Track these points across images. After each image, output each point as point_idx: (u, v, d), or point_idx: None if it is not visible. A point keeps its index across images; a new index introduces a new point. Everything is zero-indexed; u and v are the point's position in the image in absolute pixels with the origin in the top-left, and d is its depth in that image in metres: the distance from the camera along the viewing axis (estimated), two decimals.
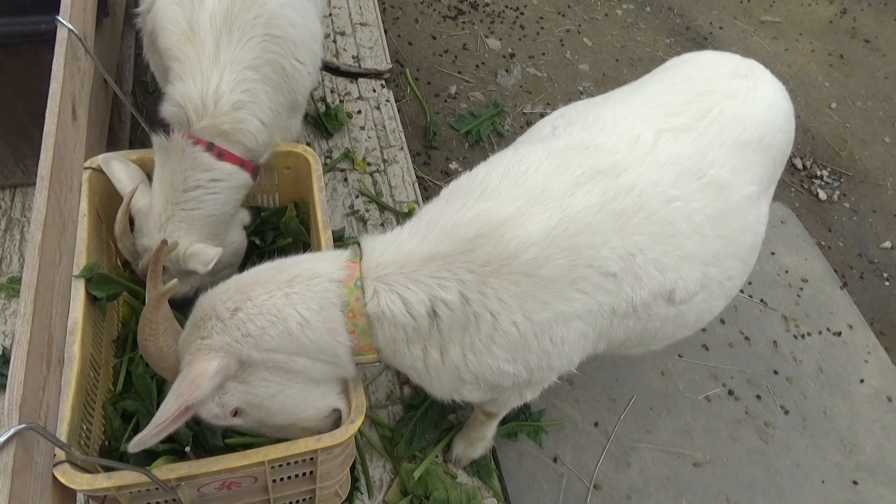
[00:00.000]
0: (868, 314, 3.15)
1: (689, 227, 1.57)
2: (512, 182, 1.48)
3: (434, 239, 1.45)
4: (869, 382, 2.85)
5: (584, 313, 1.48)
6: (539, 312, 1.43)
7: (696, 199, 1.59)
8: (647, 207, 1.50)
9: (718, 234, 1.64)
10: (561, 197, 1.45)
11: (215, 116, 1.86)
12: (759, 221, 1.84)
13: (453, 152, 3.46)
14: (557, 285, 1.43)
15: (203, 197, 1.90)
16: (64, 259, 1.52)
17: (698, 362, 2.79)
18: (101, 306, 1.84)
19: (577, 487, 2.38)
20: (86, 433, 1.64)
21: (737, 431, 2.61)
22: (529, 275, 1.40)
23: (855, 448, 2.64)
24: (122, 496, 1.54)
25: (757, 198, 1.80)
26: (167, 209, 1.88)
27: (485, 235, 1.41)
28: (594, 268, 1.45)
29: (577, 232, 1.43)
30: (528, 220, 1.42)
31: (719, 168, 1.65)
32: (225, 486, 1.67)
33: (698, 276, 1.62)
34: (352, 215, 2.89)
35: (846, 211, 3.70)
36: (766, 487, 2.48)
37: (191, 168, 1.86)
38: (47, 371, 1.33)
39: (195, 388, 1.34)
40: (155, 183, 1.91)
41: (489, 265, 1.40)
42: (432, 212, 1.52)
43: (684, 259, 1.57)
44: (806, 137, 4.03)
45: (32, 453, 1.19)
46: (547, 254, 1.40)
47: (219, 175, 1.91)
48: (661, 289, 1.55)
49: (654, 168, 1.55)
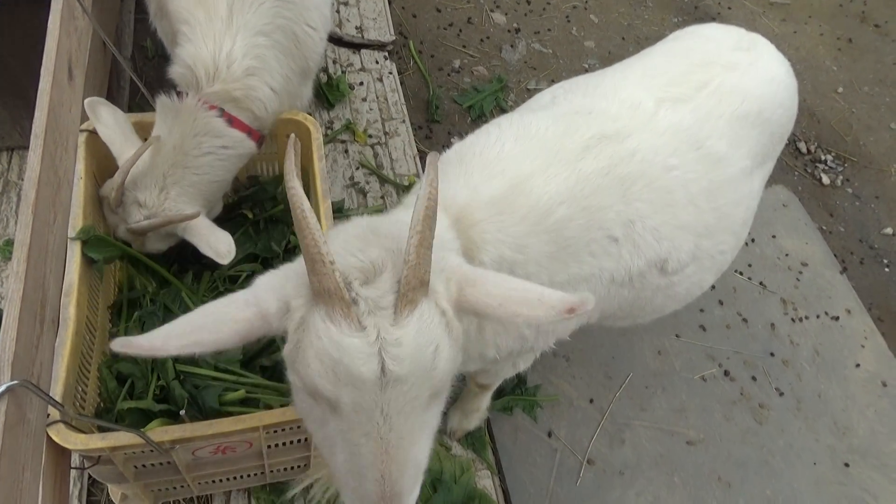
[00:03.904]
0: (867, 300, 3.14)
1: (684, 198, 1.56)
2: (527, 143, 1.47)
3: (464, 199, 1.39)
4: (865, 367, 2.85)
5: (589, 277, 1.47)
6: (559, 274, 1.42)
7: (693, 169, 1.58)
8: (648, 174, 1.49)
9: (712, 206, 1.63)
10: (575, 158, 1.44)
11: (227, 82, 1.83)
12: (752, 196, 1.83)
13: (455, 127, 3.43)
14: (576, 246, 1.42)
15: (214, 163, 1.89)
16: (59, 219, 1.51)
17: (695, 342, 2.79)
18: (97, 269, 1.83)
19: (571, 462, 2.39)
20: (81, 395, 1.64)
21: (731, 412, 2.62)
22: (557, 233, 1.39)
23: (848, 431, 2.65)
24: (116, 457, 1.55)
25: (751, 172, 1.79)
26: (174, 172, 1.86)
27: (517, 188, 1.38)
28: (603, 230, 1.44)
29: (591, 193, 1.42)
30: (551, 178, 1.40)
31: (716, 140, 1.64)
32: (220, 451, 1.67)
33: (691, 247, 1.61)
34: (352, 187, 2.87)
35: (849, 196, 3.68)
36: (758, 467, 2.50)
37: (203, 133, 1.84)
38: (41, 330, 1.33)
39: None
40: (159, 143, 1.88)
41: (524, 222, 1.36)
42: (451, 172, 1.47)
43: (679, 229, 1.56)
44: (811, 121, 4.00)
45: (25, 410, 1.19)
46: (570, 213, 1.39)
47: (228, 142, 1.89)
48: (656, 258, 1.55)
49: (654, 136, 1.54)
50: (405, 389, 0.99)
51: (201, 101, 1.82)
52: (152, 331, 1.01)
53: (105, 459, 1.56)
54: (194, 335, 1.01)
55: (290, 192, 1.00)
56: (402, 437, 1.01)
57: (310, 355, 0.99)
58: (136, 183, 1.88)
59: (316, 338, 0.98)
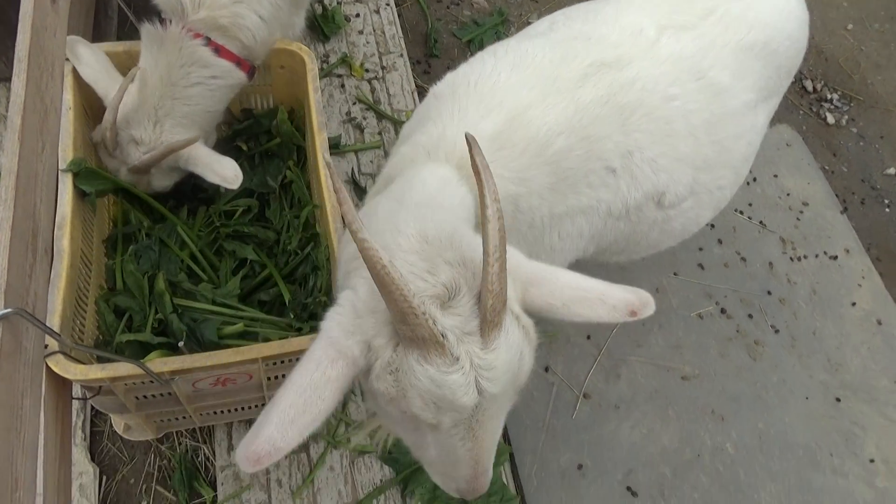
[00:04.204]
0: (866, 240, 3.13)
1: (684, 129, 1.52)
2: (524, 71, 1.42)
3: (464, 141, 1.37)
4: (860, 306, 2.87)
5: (587, 209, 1.45)
6: (558, 206, 1.40)
7: (694, 100, 1.53)
8: (648, 104, 1.45)
9: (713, 139, 1.59)
10: (573, 87, 1.40)
11: (213, 8, 1.77)
12: (755, 131, 1.78)
13: (455, 61, 3.34)
14: (575, 178, 1.39)
15: (204, 93, 1.85)
16: (47, 148, 1.47)
17: (693, 281, 2.79)
18: (90, 202, 1.80)
19: (567, 396, 2.42)
20: (79, 328, 1.64)
21: (726, 348, 2.65)
22: (557, 164, 1.36)
23: (841, 367, 2.69)
24: (117, 388, 1.56)
25: (755, 106, 1.73)
26: (164, 104, 1.82)
27: (515, 120, 1.35)
28: (602, 161, 1.41)
29: (589, 123, 1.38)
30: (550, 108, 1.36)
31: (719, 70, 1.59)
32: (220, 383, 1.68)
33: (689, 180, 1.58)
34: (348, 122, 2.81)
35: (853, 136, 3.62)
36: (750, 401, 2.54)
37: (189, 63, 1.80)
38: (33, 260, 1.31)
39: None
40: (145, 75, 1.83)
41: (524, 155, 1.34)
42: (446, 110, 1.42)
43: (677, 161, 1.53)
44: (819, 59, 3.90)
45: (21, 339, 1.18)
46: (569, 144, 1.36)
47: (217, 72, 1.85)
48: (654, 190, 1.52)
49: (655, 64, 1.49)
50: (498, 400, 1.03)
51: (186, 28, 1.76)
52: (257, 431, 0.93)
53: (106, 390, 1.57)
54: (308, 414, 0.96)
55: (361, 245, 0.92)
56: (492, 433, 1.08)
57: (411, 395, 0.99)
58: (128, 121, 1.84)
59: (416, 380, 0.98)
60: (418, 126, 1.47)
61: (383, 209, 1.20)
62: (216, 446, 2.08)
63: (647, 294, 1.08)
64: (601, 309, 1.07)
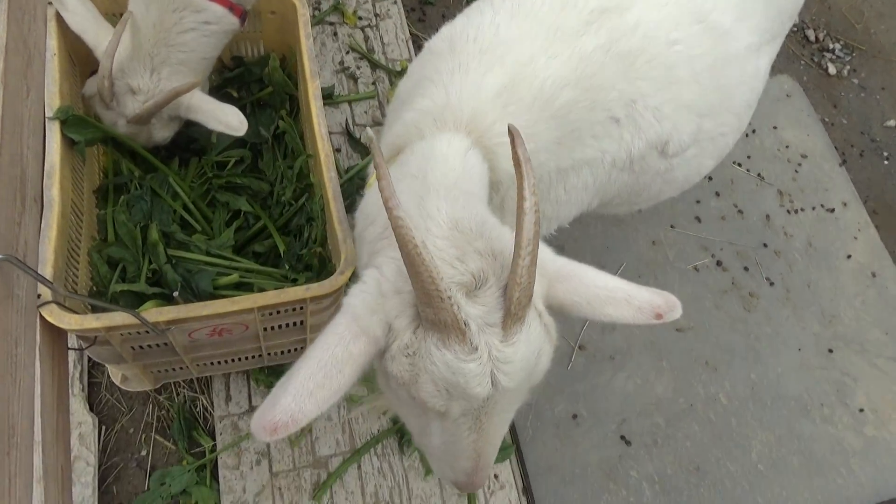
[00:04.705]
0: (863, 192, 3.12)
1: (688, 75, 1.48)
2: (524, 21, 1.37)
3: (471, 105, 1.31)
4: (856, 258, 2.87)
5: (591, 160, 1.43)
6: (564, 160, 1.38)
7: (697, 44, 1.49)
8: (650, 50, 1.41)
9: (716, 84, 1.55)
10: (575, 35, 1.35)
11: None
12: (757, 77, 1.74)
13: (450, 9, 3.25)
14: (580, 130, 1.36)
15: (199, 39, 1.81)
16: (32, 94, 1.43)
17: (690, 233, 2.79)
18: (79, 151, 1.76)
19: (563, 347, 2.44)
20: (72, 278, 1.63)
21: (721, 300, 2.66)
22: (563, 118, 1.33)
23: (834, 319, 2.71)
24: (112, 337, 1.55)
25: (757, 49, 1.69)
26: (159, 51, 1.77)
27: (519, 74, 1.31)
28: (606, 111, 1.38)
29: (592, 73, 1.34)
30: (553, 59, 1.32)
31: (721, 13, 1.54)
32: (216, 333, 1.68)
33: (693, 128, 1.55)
34: (342, 72, 2.75)
35: (854, 87, 3.57)
36: (744, 352, 2.56)
37: (182, 8, 1.74)
38: (22, 208, 1.29)
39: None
40: (137, 21, 1.78)
41: (530, 111, 1.31)
42: (445, 68, 1.37)
43: (681, 108, 1.50)
44: (822, 7, 3.81)
45: (12, 286, 1.17)
46: (574, 96, 1.33)
47: (210, 17, 1.79)
48: (657, 139, 1.49)
49: (656, 7, 1.45)
50: (510, 395, 1.02)
51: None
52: (274, 401, 0.91)
53: (102, 340, 1.56)
54: (327, 389, 0.94)
55: (396, 222, 0.90)
56: (499, 427, 1.08)
57: (423, 379, 0.98)
58: (123, 71, 1.79)
59: (431, 364, 0.97)
60: (417, 87, 1.42)
61: (407, 187, 1.16)
62: (214, 397, 2.10)
63: (673, 298, 1.07)
64: (626, 310, 1.05)
